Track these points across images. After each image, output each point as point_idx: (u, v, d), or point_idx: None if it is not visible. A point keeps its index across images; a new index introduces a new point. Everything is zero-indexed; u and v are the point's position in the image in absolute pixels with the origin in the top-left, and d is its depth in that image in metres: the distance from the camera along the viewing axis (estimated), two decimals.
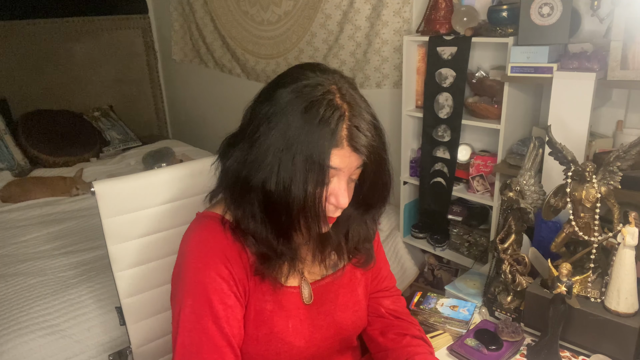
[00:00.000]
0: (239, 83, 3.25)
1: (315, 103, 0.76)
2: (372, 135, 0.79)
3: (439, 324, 1.20)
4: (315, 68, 0.82)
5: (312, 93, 0.77)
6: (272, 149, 0.77)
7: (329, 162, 0.76)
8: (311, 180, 0.76)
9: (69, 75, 3.57)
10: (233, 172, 0.83)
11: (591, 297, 1.09)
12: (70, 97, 3.57)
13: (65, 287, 1.74)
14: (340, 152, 0.77)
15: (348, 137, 0.77)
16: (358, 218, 0.92)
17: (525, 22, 1.59)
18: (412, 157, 2.20)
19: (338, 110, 0.76)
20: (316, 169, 0.76)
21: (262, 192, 0.79)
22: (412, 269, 2.31)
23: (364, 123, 0.78)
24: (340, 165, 0.78)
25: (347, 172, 0.80)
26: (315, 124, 0.75)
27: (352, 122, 0.77)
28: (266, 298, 0.89)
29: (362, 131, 0.78)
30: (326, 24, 2.50)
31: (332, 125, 0.75)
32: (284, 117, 0.76)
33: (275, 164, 0.77)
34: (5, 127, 3.11)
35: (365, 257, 0.98)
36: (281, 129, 0.76)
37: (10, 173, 2.91)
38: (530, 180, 1.25)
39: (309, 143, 0.75)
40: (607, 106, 1.67)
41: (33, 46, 3.37)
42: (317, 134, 0.75)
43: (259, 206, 0.82)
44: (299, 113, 0.76)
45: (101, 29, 3.67)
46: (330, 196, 0.81)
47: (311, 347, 0.93)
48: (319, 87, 0.78)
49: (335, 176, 0.80)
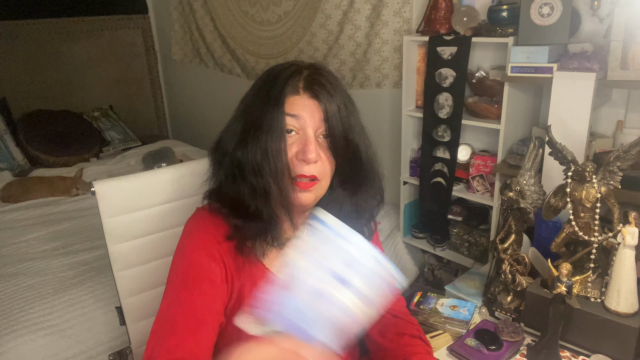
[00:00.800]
0: (239, 83, 3.25)
1: (278, 71, 0.84)
2: (332, 88, 0.83)
3: (439, 324, 1.20)
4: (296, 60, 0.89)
5: (278, 67, 0.86)
6: (240, 115, 0.86)
7: (284, 107, 0.80)
8: (270, 133, 0.80)
9: (69, 75, 3.57)
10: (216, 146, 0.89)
11: (591, 297, 1.09)
12: (70, 97, 3.57)
13: (65, 287, 1.74)
14: (298, 98, 0.81)
15: (305, 85, 0.82)
16: (347, 199, 0.90)
17: (525, 22, 1.59)
18: (412, 157, 2.20)
19: (296, 67, 0.84)
20: (273, 118, 0.80)
21: (236, 158, 0.84)
22: (412, 269, 2.31)
23: (324, 79, 0.83)
24: (300, 112, 0.81)
25: (309, 121, 0.82)
26: (271, 81, 0.83)
27: (311, 76, 0.83)
28: (259, 284, 0.89)
29: (320, 81, 0.82)
30: (326, 24, 2.50)
31: (289, 77, 0.82)
32: (253, 88, 0.87)
33: (239, 129, 0.84)
34: (5, 127, 3.11)
35: None
36: (249, 97, 0.86)
37: (10, 173, 2.91)
38: (530, 180, 1.25)
39: (267, 97, 0.81)
40: (607, 106, 1.67)
41: (33, 46, 3.37)
42: (274, 88, 0.81)
43: (236, 171, 0.84)
44: (263, 80, 0.85)
45: (101, 29, 3.67)
46: (298, 152, 0.82)
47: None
48: (287, 64, 0.86)
49: (300, 130, 0.82)
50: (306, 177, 0.83)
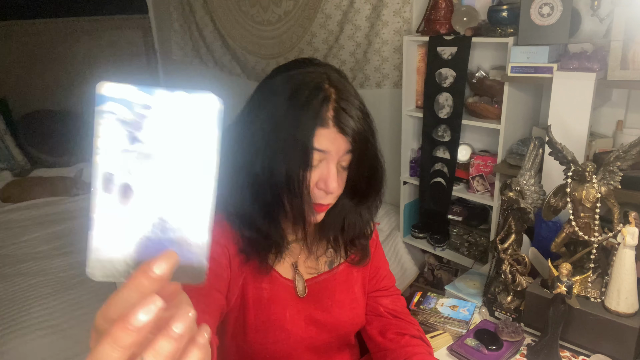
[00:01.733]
0: (239, 83, 3.25)
1: (303, 86, 0.78)
2: (359, 119, 0.80)
3: (439, 324, 1.20)
4: (310, 61, 0.84)
5: (301, 79, 0.79)
6: (260, 132, 0.79)
7: (313, 143, 0.77)
8: (295, 161, 0.77)
9: (69, 75, 3.57)
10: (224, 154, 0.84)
11: (591, 297, 1.09)
12: (70, 97, 3.57)
13: (66, 287, 1.75)
14: (326, 132, 0.77)
15: (334, 118, 0.78)
16: (352, 209, 0.92)
17: (525, 22, 1.59)
18: (412, 157, 2.20)
19: (324, 92, 0.78)
20: (300, 149, 0.77)
21: (250, 174, 0.81)
22: (412, 269, 2.31)
23: (351, 107, 0.79)
24: (327, 147, 0.78)
25: (335, 155, 0.80)
26: (300, 105, 0.76)
27: (339, 104, 0.78)
28: (263, 286, 0.89)
29: (348, 113, 0.78)
30: (326, 24, 2.50)
31: (317, 106, 0.76)
32: (272, 100, 0.79)
33: (262, 145, 0.78)
34: (6, 127, 3.11)
35: (361, 255, 0.99)
36: (269, 112, 0.78)
37: (10, 173, 2.91)
38: (530, 180, 1.25)
39: (294, 124, 0.76)
40: (607, 106, 1.67)
41: (33, 46, 3.37)
42: (303, 115, 0.76)
43: (248, 188, 0.82)
44: (286, 96, 0.78)
45: (101, 29, 3.67)
46: (319, 181, 0.81)
47: (307, 338, 0.93)
48: (309, 75, 0.80)
49: (323, 160, 0.80)
50: (323, 205, 0.84)
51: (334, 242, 0.95)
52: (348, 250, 0.98)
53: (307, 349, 0.94)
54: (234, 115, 0.91)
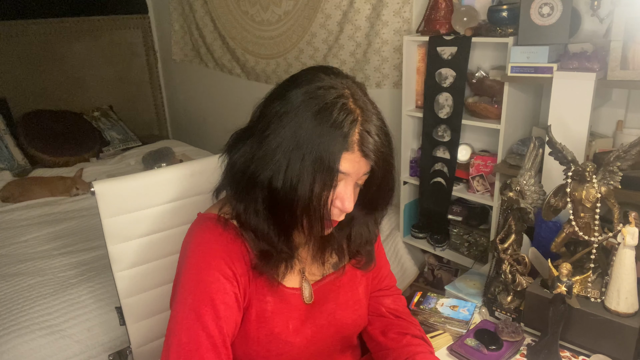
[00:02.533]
0: (239, 83, 3.25)
1: (329, 105, 0.76)
2: (381, 141, 0.79)
3: (439, 324, 1.20)
4: (329, 71, 0.82)
5: (325, 95, 0.77)
6: (282, 147, 0.77)
7: (338, 165, 0.76)
8: (319, 182, 0.76)
9: (69, 75, 3.57)
10: (240, 167, 0.83)
11: (591, 297, 1.09)
12: (70, 97, 3.57)
13: (65, 287, 1.74)
14: (351, 156, 0.77)
15: (359, 142, 0.77)
16: (361, 220, 0.93)
17: (525, 22, 1.59)
18: (412, 157, 2.20)
19: (351, 115, 0.77)
20: (325, 171, 0.76)
21: (267, 189, 0.80)
22: (412, 269, 2.31)
23: (374, 128, 0.79)
24: (349, 170, 0.78)
25: (354, 177, 0.80)
26: (327, 126, 0.75)
27: (364, 127, 0.77)
28: (267, 299, 0.89)
29: (372, 136, 0.78)
30: (326, 24, 2.50)
31: (345, 129, 0.75)
32: (295, 116, 0.77)
33: (284, 162, 0.77)
34: (5, 127, 3.11)
35: (366, 259, 0.99)
36: (292, 128, 0.76)
37: (10, 173, 2.91)
38: (530, 180, 1.25)
39: (320, 145, 0.75)
40: (607, 106, 1.67)
41: (33, 46, 3.37)
42: (329, 137, 0.75)
43: (263, 202, 0.82)
44: (311, 114, 0.76)
45: (101, 29, 3.67)
46: (336, 200, 0.81)
47: (311, 345, 0.93)
48: (332, 90, 0.78)
49: (342, 180, 0.80)
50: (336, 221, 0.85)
51: (338, 250, 0.96)
52: (351, 256, 0.98)
53: (310, 355, 0.94)
54: (234, 114, 0.91)
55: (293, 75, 0.84)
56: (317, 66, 0.85)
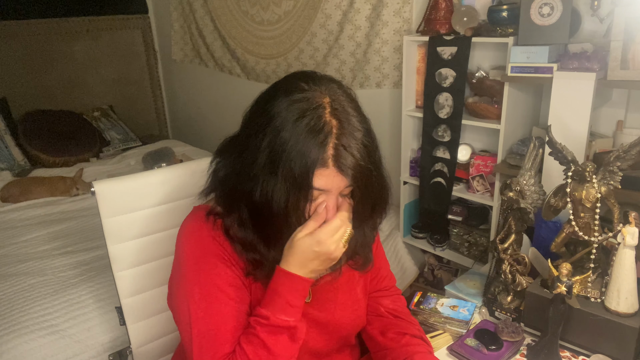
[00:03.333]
0: (239, 83, 3.25)
1: (304, 118, 0.75)
2: (360, 155, 0.77)
3: (439, 324, 1.20)
4: (308, 78, 0.80)
5: (302, 107, 0.76)
6: (259, 162, 0.77)
7: (311, 182, 0.76)
8: (293, 197, 0.76)
9: (69, 75, 3.57)
10: (223, 178, 0.84)
11: (591, 297, 1.09)
12: (70, 97, 3.57)
13: (65, 287, 1.74)
14: (326, 172, 0.76)
15: (334, 157, 0.76)
16: (356, 225, 0.92)
17: (525, 22, 1.59)
18: (412, 157, 2.20)
19: (326, 127, 0.75)
20: (298, 187, 0.76)
21: (249, 201, 0.80)
22: (412, 269, 2.31)
23: (353, 141, 0.76)
24: (325, 186, 0.78)
25: (335, 191, 0.80)
26: (300, 140, 0.74)
27: (339, 141, 0.75)
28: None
29: (349, 151, 0.76)
30: (326, 24, 2.50)
31: (318, 144, 0.74)
32: (272, 130, 0.76)
33: (261, 176, 0.77)
34: (5, 127, 3.11)
35: (363, 260, 0.98)
36: (269, 143, 0.76)
37: (10, 173, 2.91)
38: (530, 180, 1.25)
39: (294, 160, 0.74)
40: (607, 106, 1.67)
41: (33, 46, 3.37)
42: (302, 152, 0.74)
43: (248, 213, 0.82)
44: (287, 127, 0.75)
45: (101, 29, 3.67)
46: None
47: (310, 344, 0.93)
48: (310, 101, 0.76)
49: (323, 194, 0.80)
50: None
51: None
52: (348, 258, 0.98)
53: (309, 352, 0.94)
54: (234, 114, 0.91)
55: (274, 84, 0.83)
56: (298, 72, 0.84)
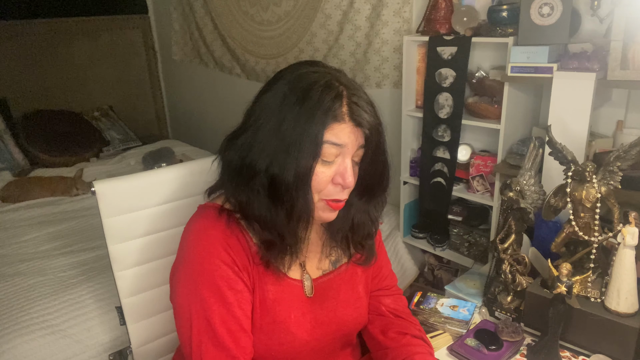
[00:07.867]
0: (239, 83, 3.25)
1: (313, 85, 0.79)
2: (371, 113, 0.83)
3: (439, 324, 1.20)
4: (313, 64, 0.86)
5: (309, 79, 0.81)
6: (275, 133, 0.79)
7: (324, 135, 0.78)
8: (306, 153, 0.78)
9: (69, 75, 3.57)
10: (237, 161, 0.85)
11: (591, 297, 1.10)
12: (70, 97, 3.57)
13: (65, 287, 1.74)
14: (343, 126, 0.80)
15: (349, 113, 0.80)
16: (361, 208, 0.93)
17: (525, 22, 1.59)
18: (412, 157, 2.20)
19: (335, 90, 0.80)
20: (311, 141, 0.78)
21: (267, 176, 0.81)
22: (412, 268, 2.31)
23: (363, 101, 0.82)
24: (344, 140, 0.80)
25: (351, 149, 0.82)
26: (313, 103, 0.78)
27: (351, 99, 0.81)
28: (269, 287, 0.90)
29: (362, 107, 0.81)
30: (326, 24, 2.50)
31: (329, 103, 0.78)
32: (283, 103, 0.80)
33: (279, 146, 0.79)
34: (5, 127, 3.11)
35: (367, 255, 0.99)
36: (282, 114, 0.79)
37: (10, 173, 2.91)
38: (530, 180, 1.25)
39: (308, 120, 0.78)
40: (607, 106, 1.67)
41: (33, 46, 3.37)
42: (316, 112, 0.78)
43: (265, 191, 0.83)
44: (298, 96, 0.79)
45: (101, 29, 3.67)
46: (336, 175, 0.83)
47: (312, 341, 0.93)
48: (315, 75, 0.82)
49: (339, 155, 0.82)
50: (340, 200, 0.86)
51: (342, 242, 0.96)
52: (355, 250, 0.99)
53: (311, 350, 0.94)
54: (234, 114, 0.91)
55: (279, 71, 0.87)
56: (303, 60, 0.89)
